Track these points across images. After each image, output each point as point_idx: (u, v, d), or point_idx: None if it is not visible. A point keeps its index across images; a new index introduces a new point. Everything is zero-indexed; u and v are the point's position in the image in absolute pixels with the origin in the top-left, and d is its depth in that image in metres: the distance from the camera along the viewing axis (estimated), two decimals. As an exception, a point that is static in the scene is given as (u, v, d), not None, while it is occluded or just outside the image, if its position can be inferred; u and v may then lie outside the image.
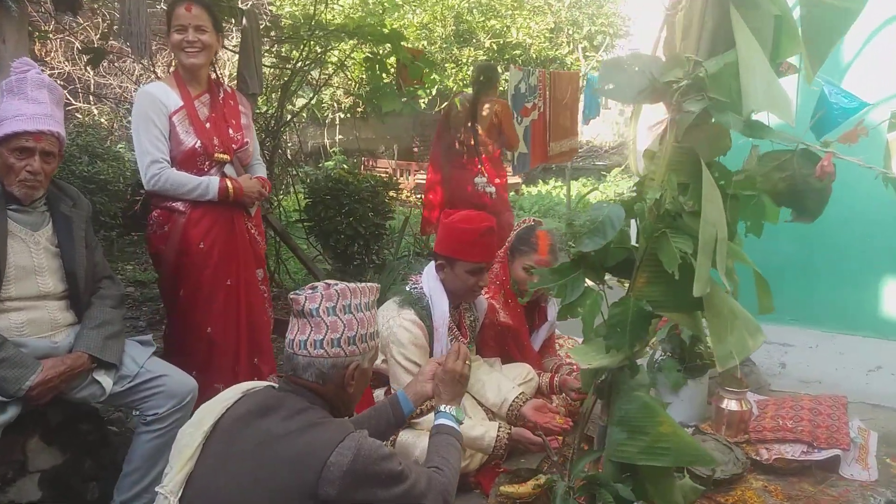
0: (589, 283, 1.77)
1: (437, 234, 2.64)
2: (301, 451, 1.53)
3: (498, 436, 2.49)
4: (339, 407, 1.72)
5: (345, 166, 5.44)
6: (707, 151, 1.68)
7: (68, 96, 7.47)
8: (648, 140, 1.98)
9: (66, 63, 7.15)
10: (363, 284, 1.71)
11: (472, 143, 4.91)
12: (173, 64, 2.78)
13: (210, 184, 2.75)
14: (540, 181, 11.95)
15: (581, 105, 8.03)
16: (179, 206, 2.77)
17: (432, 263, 2.66)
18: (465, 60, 10.19)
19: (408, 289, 2.63)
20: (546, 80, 6.61)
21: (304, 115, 8.91)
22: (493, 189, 4.91)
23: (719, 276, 1.61)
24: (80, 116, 7.56)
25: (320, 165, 6.33)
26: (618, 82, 1.74)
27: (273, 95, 5.53)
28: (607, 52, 11.98)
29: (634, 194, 1.76)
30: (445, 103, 5.32)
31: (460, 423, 1.95)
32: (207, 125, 2.79)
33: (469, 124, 4.95)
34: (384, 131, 11.56)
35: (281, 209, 5.59)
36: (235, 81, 4.18)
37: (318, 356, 1.64)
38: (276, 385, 1.74)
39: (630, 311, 1.67)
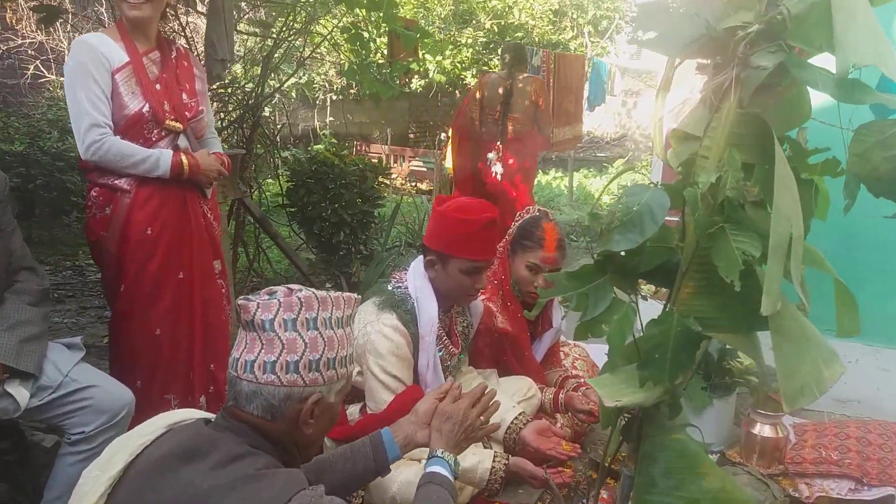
0: (618, 292, 1.35)
1: (428, 223, 2.22)
2: None
3: (493, 467, 2.09)
4: (293, 452, 1.33)
5: (332, 148, 4.99)
6: (781, 121, 1.27)
7: (40, 67, 7.00)
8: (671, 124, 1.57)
9: (38, 32, 6.68)
10: (338, 294, 1.33)
11: (500, 121, 4.88)
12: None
13: (161, 157, 2.33)
14: (539, 171, 11.51)
15: (586, 91, 7.59)
16: (123, 183, 2.34)
17: (420, 259, 2.25)
18: (464, 41, 9.72)
19: (390, 288, 2.22)
20: (551, 61, 6.17)
21: (294, 94, 8.46)
22: (499, 168, 4.63)
23: (792, 287, 1.21)
24: (51, 89, 7.09)
25: (309, 149, 5.91)
26: (660, 29, 1.32)
27: (255, 69, 5.08)
28: (612, 39, 11.55)
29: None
30: (474, 84, 5.13)
31: (456, 476, 1.55)
32: (157, 86, 2.36)
33: (502, 102, 4.93)
34: (378, 115, 11.10)
35: (261, 193, 5.15)
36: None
37: (267, 383, 1.24)
38: (212, 419, 1.33)
39: (672, 331, 1.26)
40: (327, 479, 1.56)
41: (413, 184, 9.20)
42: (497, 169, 4.77)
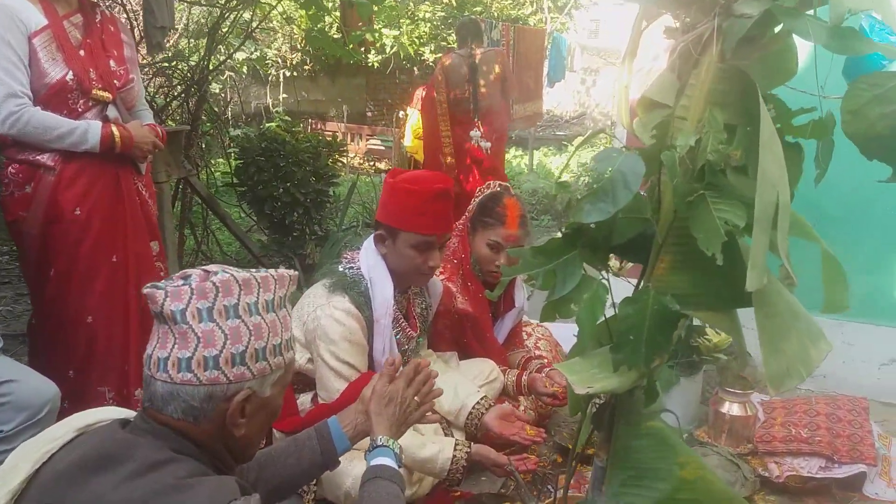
0: (587, 268, 1.23)
1: (381, 196, 2.07)
2: None
3: (455, 456, 1.97)
4: (224, 456, 1.17)
5: (283, 125, 4.76)
6: (766, 77, 1.15)
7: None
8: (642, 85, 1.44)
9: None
10: (266, 274, 1.15)
11: (471, 98, 4.84)
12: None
13: (90, 129, 2.13)
14: (500, 149, 11.37)
15: (545, 67, 7.46)
16: (46, 159, 2.13)
17: (372, 237, 2.10)
18: (421, 16, 9.48)
19: (341, 269, 2.06)
20: (510, 35, 6.02)
21: (245, 70, 8.15)
22: (488, 144, 4.75)
23: (775, 259, 1.10)
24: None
25: (262, 127, 5.66)
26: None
27: (201, 43, 4.81)
28: (570, 15, 11.43)
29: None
30: (437, 67, 5.04)
31: (401, 464, 1.41)
32: (81, 52, 2.14)
33: (468, 80, 4.89)
34: (335, 93, 10.82)
35: (208, 172, 4.91)
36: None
37: (184, 382, 1.08)
38: (132, 419, 1.16)
39: (648, 310, 1.15)
40: (270, 475, 1.42)
41: (371, 163, 8.99)
42: (485, 145, 4.72)
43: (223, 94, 7.65)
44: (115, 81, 2.21)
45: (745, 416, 2.33)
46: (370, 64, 9.60)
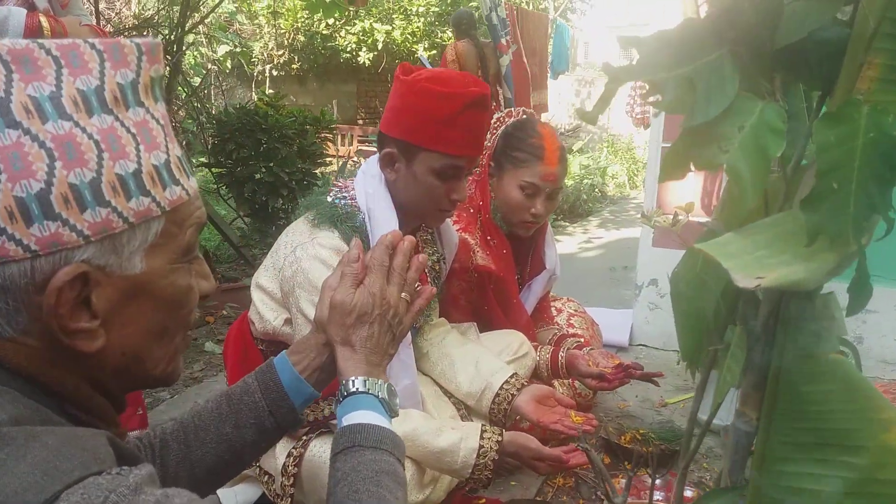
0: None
1: (388, 101, 1.56)
2: None
3: (481, 447, 1.45)
4: (87, 398, 0.65)
5: (265, 98, 4.28)
6: None
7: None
8: None
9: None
10: (78, 42, 0.60)
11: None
12: None
13: (10, 16, 1.64)
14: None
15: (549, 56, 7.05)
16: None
17: (372, 159, 1.60)
18: (414, 11, 9.08)
19: (329, 199, 1.56)
20: (514, 16, 5.60)
21: (229, 64, 7.70)
22: None
23: None
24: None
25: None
26: None
27: (174, 9, 4.35)
28: (567, 18, 11.13)
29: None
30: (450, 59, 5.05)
31: (394, 412, 0.89)
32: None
33: (479, 67, 4.81)
34: (324, 98, 10.39)
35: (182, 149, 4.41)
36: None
37: None
38: None
39: (860, 138, 0.66)
40: (200, 453, 0.89)
41: (363, 158, 8.51)
42: None
43: (204, 91, 7.19)
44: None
45: None
46: (362, 62, 9.16)
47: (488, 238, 1.96)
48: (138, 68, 0.62)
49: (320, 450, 1.41)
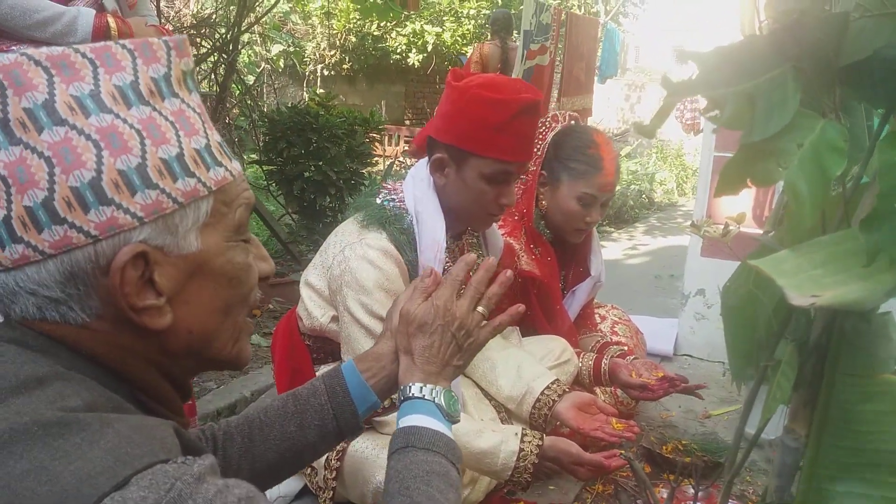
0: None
1: (438, 107, 1.59)
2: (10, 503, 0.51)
3: (521, 450, 1.46)
4: (153, 384, 0.68)
5: (317, 97, 4.36)
6: None
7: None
8: None
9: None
10: (109, 44, 0.64)
11: None
12: None
13: (80, 17, 1.72)
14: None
15: (598, 60, 6.98)
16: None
17: (421, 163, 1.62)
18: (465, 13, 9.10)
19: (379, 201, 1.59)
20: (562, 21, 5.56)
21: (281, 63, 7.84)
22: None
23: None
24: None
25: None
26: None
27: (231, 8, 4.46)
28: (618, 22, 10.99)
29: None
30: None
31: (454, 419, 0.91)
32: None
33: (500, 71, 4.88)
34: (373, 98, 10.49)
35: (235, 147, 4.52)
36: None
37: (17, 264, 0.60)
38: None
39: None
40: (262, 449, 0.94)
41: (410, 160, 8.58)
42: None
43: (257, 89, 7.34)
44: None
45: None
46: (411, 63, 9.22)
47: (531, 246, 1.97)
48: (168, 62, 0.65)
49: (363, 445, 1.44)
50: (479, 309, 0.95)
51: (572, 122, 2.00)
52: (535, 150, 1.99)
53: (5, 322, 0.63)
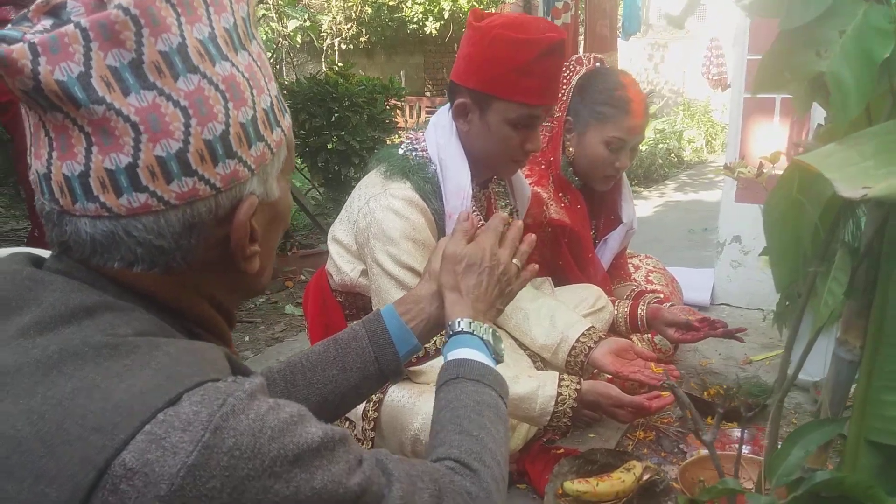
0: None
1: (459, 50, 1.54)
2: (62, 420, 0.51)
3: (559, 395, 1.44)
4: (211, 319, 0.69)
5: (336, 67, 4.33)
6: None
7: None
8: None
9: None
10: None
11: None
12: None
13: None
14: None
15: (620, 16, 6.80)
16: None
17: (443, 110, 1.58)
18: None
19: (401, 152, 1.56)
20: (582, -26, 5.41)
21: (298, 39, 7.81)
22: None
23: None
24: None
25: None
26: None
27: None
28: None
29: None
30: None
31: (499, 359, 0.91)
32: None
33: None
34: (392, 70, 10.42)
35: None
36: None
37: (133, 212, 0.58)
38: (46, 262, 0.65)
39: None
40: (305, 393, 0.94)
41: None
42: None
43: (277, 67, 7.32)
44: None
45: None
46: (428, 32, 9.11)
47: (560, 194, 1.93)
48: (232, 9, 0.63)
49: (399, 395, 1.43)
50: (515, 261, 0.99)
51: (597, 64, 1.94)
52: (561, 94, 1.93)
53: (54, 255, 0.62)
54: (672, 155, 8.16)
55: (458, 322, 0.90)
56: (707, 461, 1.35)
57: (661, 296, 2.06)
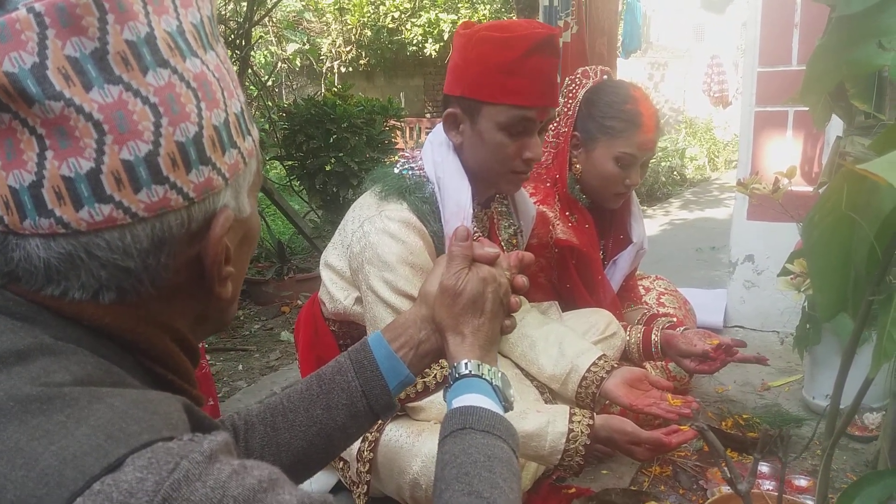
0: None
1: (449, 62, 1.45)
2: None
3: (570, 431, 1.33)
4: (170, 356, 0.58)
5: (334, 88, 4.27)
6: None
7: None
8: None
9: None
10: None
11: None
12: None
13: None
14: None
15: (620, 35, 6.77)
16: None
17: (438, 128, 1.49)
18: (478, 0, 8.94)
19: (396, 171, 1.46)
20: (582, -6, 5.38)
21: (298, 62, 7.79)
22: None
23: None
24: None
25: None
26: None
27: (242, 4, 4.38)
28: None
29: None
30: None
31: (507, 405, 0.80)
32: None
33: None
34: (392, 92, 10.41)
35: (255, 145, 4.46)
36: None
37: (95, 227, 0.49)
38: None
39: None
40: (287, 437, 0.83)
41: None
42: None
43: (276, 90, 7.30)
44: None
45: None
46: (428, 54, 9.10)
47: (567, 213, 1.82)
48: (198, 6, 0.55)
49: (397, 434, 1.32)
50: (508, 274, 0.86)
51: (605, 76, 1.85)
52: (566, 109, 1.84)
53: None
54: (675, 173, 8.09)
55: (465, 364, 0.78)
56: (732, 500, 1.23)
57: (675, 319, 1.94)
